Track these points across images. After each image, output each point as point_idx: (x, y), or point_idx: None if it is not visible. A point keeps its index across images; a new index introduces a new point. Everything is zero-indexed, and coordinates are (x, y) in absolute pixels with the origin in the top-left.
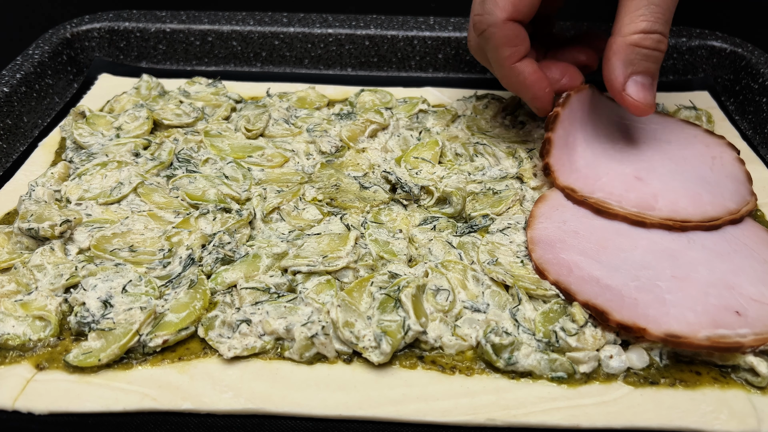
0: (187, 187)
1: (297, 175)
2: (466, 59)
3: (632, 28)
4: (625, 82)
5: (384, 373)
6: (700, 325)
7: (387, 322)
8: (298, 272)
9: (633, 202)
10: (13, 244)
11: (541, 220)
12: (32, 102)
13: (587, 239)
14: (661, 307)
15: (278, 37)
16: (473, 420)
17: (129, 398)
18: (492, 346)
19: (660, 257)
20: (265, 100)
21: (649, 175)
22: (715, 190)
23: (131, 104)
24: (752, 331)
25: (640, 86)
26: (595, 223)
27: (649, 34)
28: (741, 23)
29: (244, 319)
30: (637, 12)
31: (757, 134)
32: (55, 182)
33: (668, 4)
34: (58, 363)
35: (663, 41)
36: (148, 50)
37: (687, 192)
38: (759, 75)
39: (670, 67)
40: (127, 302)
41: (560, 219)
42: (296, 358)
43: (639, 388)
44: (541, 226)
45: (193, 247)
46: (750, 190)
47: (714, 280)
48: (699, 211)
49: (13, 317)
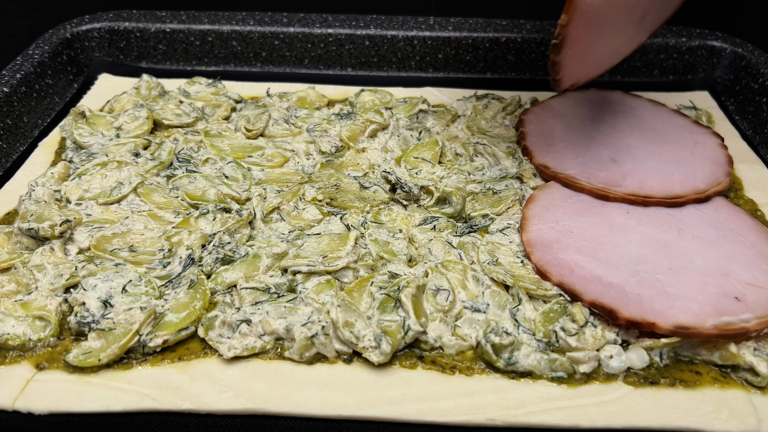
0: (187, 187)
1: (297, 175)
2: (466, 59)
3: None
4: None
5: (384, 373)
6: (704, 315)
7: (387, 322)
8: (298, 272)
9: (602, 179)
10: (13, 244)
11: (534, 221)
12: (32, 102)
13: (582, 237)
14: (665, 301)
15: (278, 37)
16: (473, 420)
17: (129, 398)
18: (492, 346)
19: (654, 250)
20: (265, 100)
21: (624, 157)
22: (689, 171)
23: (131, 104)
24: (754, 315)
25: None
26: (588, 220)
27: None
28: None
29: (244, 319)
30: None
31: (757, 134)
32: (55, 182)
33: None
34: (58, 363)
35: None
36: (148, 50)
37: (659, 172)
38: (759, 75)
39: (670, 67)
40: (127, 302)
41: (553, 219)
42: (296, 358)
43: (639, 388)
44: (536, 228)
45: (193, 247)
46: (726, 171)
47: (709, 269)
48: (665, 189)
49: (13, 317)
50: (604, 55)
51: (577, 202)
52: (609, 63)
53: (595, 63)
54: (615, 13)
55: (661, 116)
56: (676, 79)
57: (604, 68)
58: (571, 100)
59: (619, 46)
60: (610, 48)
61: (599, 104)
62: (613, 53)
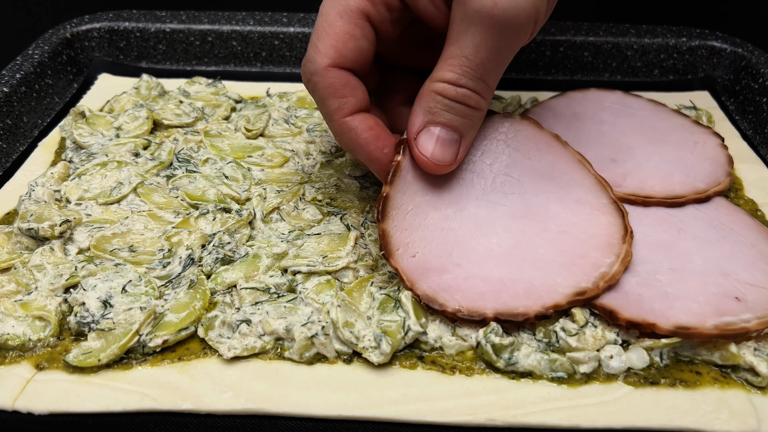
0: (187, 187)
1: (297, 175)
2: None
3: (439, 76)
4: (419, 131)
5: (384, 373)
6: (705, 315)
7: (387, 322)
8: (298, 272)
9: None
10: (13, 244)
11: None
12: (32, 102)
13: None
14: (665, 301)
15: (278, 37)
16: (473, 420)
17: (129, 398)
18: (492, 346)
19: (654, 250)
20: (265, 100)
21: (624, 157)
22: (689, 171)
23: (131, 104)
24: (755, 315)
25: (436, 139)
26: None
27: (455, 87)
28: (741, 23)
29: (244, 319)
30: (449, 61)
31: (757, 134)
32: (55, 182)
33: (483, 60)
34: (58, 363)
35: (473, 98)
36: (148, 50)
37: (659, 172)
38: (759, 75)
39: (670, 67)
40: (127, 302)
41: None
42: (296, 358)
43: (639, 388)
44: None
45: (193, 247)
46: (727, 171)
47: (709, 269)
48: (665, 189)
49: (13, 317)
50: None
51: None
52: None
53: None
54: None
55: (661, 116)
56: (676, 79)
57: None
58: (572, 100)
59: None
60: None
61: (599, 104)
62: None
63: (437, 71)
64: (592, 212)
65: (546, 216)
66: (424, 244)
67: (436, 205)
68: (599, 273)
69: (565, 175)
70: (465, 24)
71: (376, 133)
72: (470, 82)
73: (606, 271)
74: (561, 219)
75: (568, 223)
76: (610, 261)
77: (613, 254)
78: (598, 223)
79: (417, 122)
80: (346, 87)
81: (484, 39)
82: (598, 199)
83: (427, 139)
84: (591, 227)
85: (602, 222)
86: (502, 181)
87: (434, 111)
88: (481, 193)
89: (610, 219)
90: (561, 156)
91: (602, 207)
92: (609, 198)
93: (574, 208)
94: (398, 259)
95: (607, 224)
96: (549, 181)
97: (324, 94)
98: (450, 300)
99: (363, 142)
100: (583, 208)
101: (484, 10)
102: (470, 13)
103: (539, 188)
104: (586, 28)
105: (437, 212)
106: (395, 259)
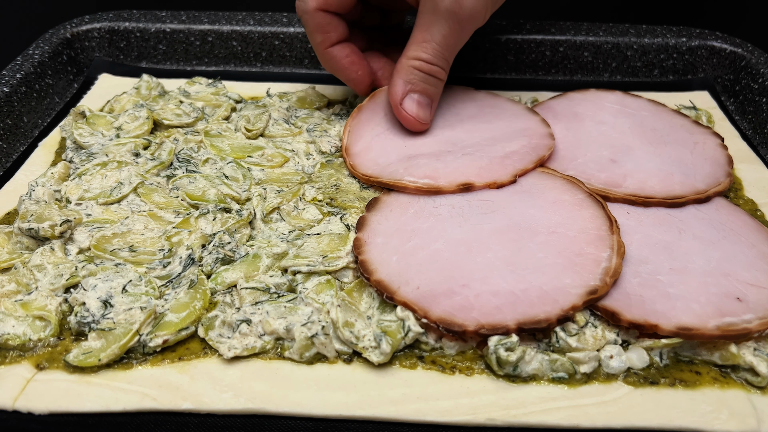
0: (187, 187)
1: (297, 175)
2: (466, 59)
3: (415, 55)
4: (403, 98)
5: (384, 373)
6: (706, 316)
7: (387, 322)
8: (298, 272)
9: (602, 180)
10: (13, 244)
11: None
12: (32, 102)
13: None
14: (667, 302)
15: (278, 37)
16: (473, 420)
17: (129, 398)
18: (498, 359)
19: (655, 250)
20: (265, 100)
21: (624, 158)
22: (689, 171)
23: (131, 104)
24: (756, 315)
25: (416, 103)
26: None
27: (429, 64)
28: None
29: (244, 319)
30: (422, 44)
31: (757, 134)
32: (55, 182)
33: (448, 46)
34: (58, 363)
35: (441, 72)
36: (148, 50)
37: (659, 172)
38: (759, 75)
39: (670, 67)
40: (127, 302)
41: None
42: (296, 358)
43: (639, 388)
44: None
45: (193, 247)
46: (727, 172)
47: (710, 269)
48: (666, 190)
49: (13, 317)
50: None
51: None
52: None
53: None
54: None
55: (661, 116)
56: (676, 79)
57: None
58: (571, 100)
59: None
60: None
61: (599, 104)
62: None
63: (412, 51)
64: (572, 208)
65: (531, 222)
66: (423, 276)
67: (422, 246)
68: (602, 269)
69: (534, 185)
70: (435, 17)
71: (352, 59)
72: (440, 62)
73: (607, 265)
74: (546, 221)
75: (555, 222)
76: (606, 255)
77: (607, 247)
78: (582, 217)
79: (399, 90)
80: (329, 25)
81: (451, 31)
82: (574, 195)
83: (410, 103)
84: (577, 222)
85: (585, 215)
86: (478, 205)
87: (413, 81)
88: (462, 221)
89: (592, 212)
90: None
91: (580, 201)
92: (584, 192)
93: (555, 209)
94: (403, 295)
95: (591, 217)
96: (521, 194)
97: (311, 30)
98: (468, 319)
99: (341, 66)
100: (562, 207)
101: (451, 9)
102: (440, 10)
103: (515, 201)
104: (586, 28)
105: (425, 251)
106: (400, 295)
